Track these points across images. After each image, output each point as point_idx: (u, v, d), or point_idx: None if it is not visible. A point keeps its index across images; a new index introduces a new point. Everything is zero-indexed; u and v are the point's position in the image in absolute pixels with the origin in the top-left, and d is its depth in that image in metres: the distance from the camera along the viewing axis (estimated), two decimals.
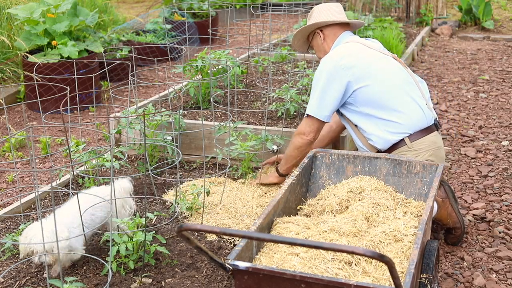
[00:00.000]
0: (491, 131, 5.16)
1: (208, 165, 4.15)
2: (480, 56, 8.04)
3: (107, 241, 3.06)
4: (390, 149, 3.27)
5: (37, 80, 5.16)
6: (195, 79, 4.79)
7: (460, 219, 3.34)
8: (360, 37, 3.57)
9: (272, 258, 2.39)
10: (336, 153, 3.11)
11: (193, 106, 4.84)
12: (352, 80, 3.26)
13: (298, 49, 3.81)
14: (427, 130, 3.29)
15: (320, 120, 3.33)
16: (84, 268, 2.93)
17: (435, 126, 3.36)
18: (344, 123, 3.50)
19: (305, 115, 3.39)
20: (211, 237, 3.22)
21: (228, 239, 3.21)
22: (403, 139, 3.24)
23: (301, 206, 2.95)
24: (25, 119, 4.01)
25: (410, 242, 2.48)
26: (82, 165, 3.84)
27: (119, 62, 5.39)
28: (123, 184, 3.15)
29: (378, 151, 3.30)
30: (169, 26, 7.82)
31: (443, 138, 4.51)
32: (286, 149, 3.55)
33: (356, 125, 3.37)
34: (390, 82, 3.30)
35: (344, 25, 3.58)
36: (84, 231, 2.77)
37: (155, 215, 3.34)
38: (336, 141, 3.94)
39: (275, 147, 3.93)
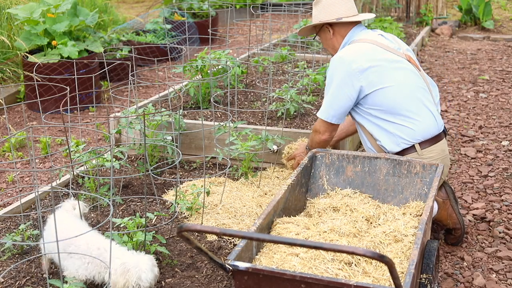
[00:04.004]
0: (491, 131, 5.15)
1: (208, 165, 4.15)
2: (480, 56, 8.04)
3: None
4: (399, 154, 3.13)
5: (37, 80, 5.15)
6: (195, 79, 4.79)
7: (460, 220, 3.33)
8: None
9: (272, 259, 2.39)
10: (336, 153, 3.11)
11: (193, 106, 4.84)
12: (364, 85, 3.11)
13: (304, 35, 3.60)
14: (437, 138, 3.17)
15: (331, 123, 3.23)
16: None
17: (444, 133, 3.26)
18: (356, 124, 3.37)
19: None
20: (211, 237, 3.21)
21: (228, 239, 3.21)
22: (413, 145, 3.12)
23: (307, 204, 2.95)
24: (25, 119, 4.00)
25: (410, 243, 2.48)
26: (82, 165, 3.84)
27: (119, 62, 5.39)
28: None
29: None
30: (169, 26, 7.82)
31: None
32: (309, 138, 3.44)
33: (365, 128, 3.24)
34: (404, 88, 3.13)
35: None
36: None
37: (155, 215, 3.34)
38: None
39: (275, 147, 3.93)
